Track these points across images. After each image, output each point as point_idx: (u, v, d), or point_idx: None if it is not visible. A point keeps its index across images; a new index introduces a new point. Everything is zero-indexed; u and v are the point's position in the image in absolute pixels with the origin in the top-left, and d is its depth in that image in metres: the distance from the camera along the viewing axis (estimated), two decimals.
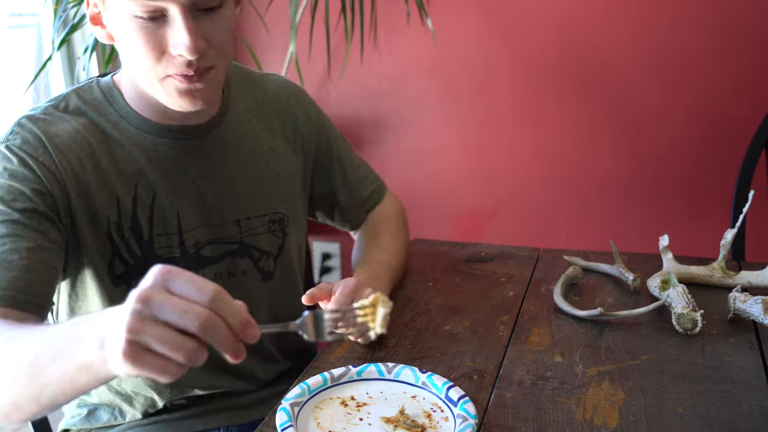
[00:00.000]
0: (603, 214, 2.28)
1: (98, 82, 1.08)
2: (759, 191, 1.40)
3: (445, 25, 2.18)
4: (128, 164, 1.04)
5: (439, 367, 1.01)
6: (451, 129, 2.32)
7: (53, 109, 1.04)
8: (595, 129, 2.21)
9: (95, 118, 1.04)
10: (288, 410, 0.87)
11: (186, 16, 0.92)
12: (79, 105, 1.05)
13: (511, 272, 1.34)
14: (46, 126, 1.01)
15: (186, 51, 0.92)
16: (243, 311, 0.66)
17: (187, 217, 1.08)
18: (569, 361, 1.02)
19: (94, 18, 1.00)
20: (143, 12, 0.92)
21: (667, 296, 1.13)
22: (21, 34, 2.05)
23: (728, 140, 2.09)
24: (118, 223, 1.03)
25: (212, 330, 0.63)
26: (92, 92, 1.07)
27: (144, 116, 1.05)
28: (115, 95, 1.06)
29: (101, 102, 1.06)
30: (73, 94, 1.06)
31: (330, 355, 1.05)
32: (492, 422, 0.89)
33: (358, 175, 1.33)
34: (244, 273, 1.14)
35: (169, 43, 0.93)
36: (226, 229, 1.12)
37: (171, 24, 0.93)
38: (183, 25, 0.92)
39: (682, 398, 0.93)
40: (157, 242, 1.06)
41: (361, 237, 1.34)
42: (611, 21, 2.10)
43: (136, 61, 0.96)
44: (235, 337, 0.65)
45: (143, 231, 1.05)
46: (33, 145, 0.98)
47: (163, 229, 1.06)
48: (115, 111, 1.05)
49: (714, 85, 2.07)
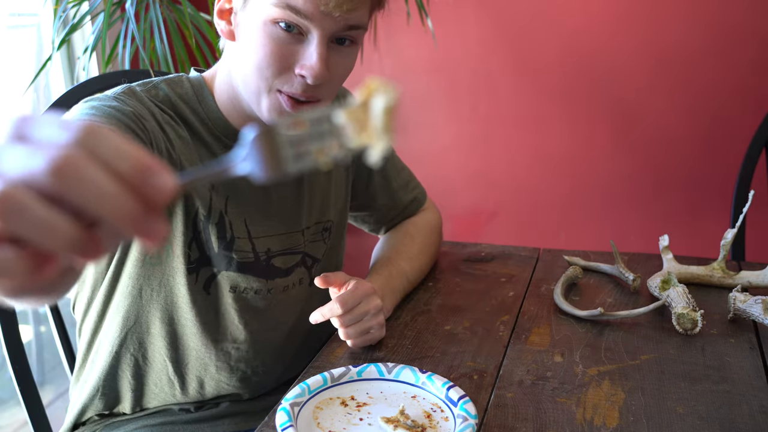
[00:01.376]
0: (603, 214, 2.28)
1: (189, 77, 1.07)
2: (759, 191, 1.40)
3: (445, 25, 2.18)
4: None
5: (439, 367, 1.01)
6: (451, 129, 2.32)
7: (145, 96, 1.01)
8: (596, 129, 2.21)
9: (185, 113, 1.03)
10: (288, 410, 0.87)
11: (322, 42, 0.92)
12: (169, 95, 1.03)
13: (511, 272, 1.34)
14: (151, 106, 0.99)
15: (311, 75, 0.93)
16: (134, 152, 0.40)
17: (255, 225, 1.07)
18: (569, 361, 1.02)
19: (222, 12, 0.99)
20: (287, 22, 0.91)
21: (667, 296, 1.13)
22: (21, 34, 2.05)
23: (728, 140, 2.09)
24: (206, 215, 1.03)
25: (77, 176, 0.38)
26: (182, 86, 1.05)
27: (229, 121, 1.05)
28: (205, 93, 1.05)
29: (191, 97, 1.05)
30: (163, 83, 1.04)
31: (330, 355, 1.05)
32: (492, 422, 0.89)
33: (400, 180, 1.31)
34: (302, 281, 1.15)
35: (297, 61, 0.93)
36: (294, 238, 1.12)
37: (306, 44, 0.93)
38: (317, 49, 0.92)
39: (682, 398, 0.93)
40: (236, 244, 1.05)
41: (392, 235, 1.32)
42: (611, 21, 2.10)
43: (254, 65, 0.95)
44: (126, 191, 0.39)
45: (226, 229, 1.04)
46: (143, 111, 0.97)
47: (239, 233, 1.06)
48: (202, 109, 1.04)
49: (714, 85, 2.07)
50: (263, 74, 0.95)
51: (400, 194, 1.31)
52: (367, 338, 1.05)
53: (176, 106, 1.03)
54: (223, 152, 1.05)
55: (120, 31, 1.83)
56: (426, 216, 1.35)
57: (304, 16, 0.90)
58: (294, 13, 0.90)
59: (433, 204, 1.39)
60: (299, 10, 0.90)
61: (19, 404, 1.22)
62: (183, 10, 1.81)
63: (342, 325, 1.03)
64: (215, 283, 1.06)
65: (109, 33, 1.81)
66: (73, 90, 1.40)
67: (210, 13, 1.97)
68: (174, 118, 1.02)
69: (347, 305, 1.02)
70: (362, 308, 1.03)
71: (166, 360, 1.09)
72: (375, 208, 1.30)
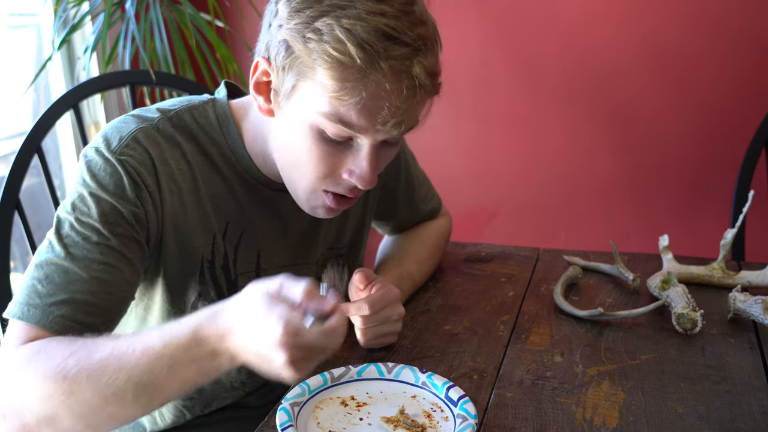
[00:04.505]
0: (603, 214, 2.28)
1: (214, 104, 1.01)
2: (759, 191, 1.40)
3: (445, 25, 2.18)
4: (225, 201, 1.00)
5: (439, 367, 1.01)
6: (451, 129, 2.32)
7: (167, 124, 0.96)
8: (595, 129, 2.21)
9: (206, 146, 0.98)
10: (288, 410, 0.87)
11: (373, 150, 0.88)
12: (191, 127, 0.98)
13: (511, 272, 1.34)
14: (160, 149, 0.94)
15: (361, 183, 0.90)
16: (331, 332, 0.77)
17: (268, 258, 1.05)
18: (569, 361, 1.02)
19: (259, 85, 0.92)
20: (334, 135, 0.87)
21: (667, 296, 1.13)
22: (21, 34, 2.05)
23: (728, 140, 2.09)
24: (210, 261, 1.00)
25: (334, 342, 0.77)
26: (207, 115, 1.00)
27: (255, 163, 1.00)
28: (231, 126, 0.99)
29: (214, 128, 0.99)
30: (186, 112, 0.99)
31: (330, 355, 1.05)
32: (492, 422, 0.89)
33: (421, 193, 1.31)
34: None
35: (344, 165, 0.90)
36: (306, 269, 1.10)
37: (354, 151, 0.89)
38: (368, 158, 0.88)
39: (682, 398, 0.93)
40: (240, 281, 1.03)
41: (404, 236, 1.31)
42: (611, 20, 2.10)
43: (299, 163, 0.91)
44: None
45: (230, 270, 1.02)
46: (146, 168, 0.92)
47: (245, 268, 1.04)
48: (226, 143, 0.99)
49: (714, 85, 2.07)
50: (308, 176, 0.91)
51: (420, 205, 1.31)
52: (381, 341, 1.05)
53: (197, 137, 0.98)
54: (241, 188, 1.01)
55: (120, 31, 1.83)
56: (439, 221, 1.36)
57: (357, 130, 0.86)
58: (346, 128, 0.85)
59: (447, 211, 1.40)
60: (353, 126, 0.85)
61: None
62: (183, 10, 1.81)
63: (363, 325, 1.01)
64: None
65: (109, 33, 1.81)
66: (73, 90, 1.40)
67: (210, 13, 1.97)
68: (195, 156, 0.97)
69: (375, 307, 1.00)
70: (386, 313, 1.02)
71: None
72: (396, 217, 1.30)
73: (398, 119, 0.85)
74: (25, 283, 0.88)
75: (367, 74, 0.81)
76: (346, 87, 0.82)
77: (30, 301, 0.86)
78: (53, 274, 0.87)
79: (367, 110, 0.84)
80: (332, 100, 0.84)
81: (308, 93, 0.86)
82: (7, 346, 0.85)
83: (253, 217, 1.02)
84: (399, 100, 0.83)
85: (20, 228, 1.30)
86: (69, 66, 2.07)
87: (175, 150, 0.96)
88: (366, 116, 0.84)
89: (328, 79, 0.83)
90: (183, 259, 0.98)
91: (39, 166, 1.34)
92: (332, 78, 0.82)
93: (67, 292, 0.86)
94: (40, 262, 0.88)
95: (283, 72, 0.87)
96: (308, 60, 0.83)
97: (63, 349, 0.80)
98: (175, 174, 0.95)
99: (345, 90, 0.82)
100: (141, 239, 0.92)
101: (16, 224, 1.27)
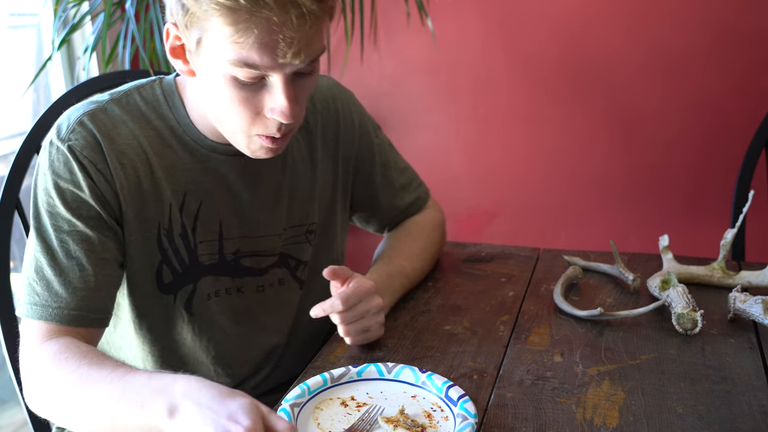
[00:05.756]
0: (603, 214, 2.28)
1: (161, 82, 1.06)
2: (759, 191, 1.40)
3: (445, 25, 2.18)
4: (180, 172, 1.04)
5: (439, 367, 1.01)
6: (451, 129, 2.33)
7: (114, 105, 1.02)
8: (595, 129, 2.21)
9: (154, 121, 1.03)
10: (288, 411, 0.87)
11: (287, 84, 0.91)
12: (139, 105, 1.04)
13: (511, 272, 1.34)
14: (106, 129, 1.00)
15: (284, 117, 0.92)
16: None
17: (229, 228, 1.08)
18: (569, 361, 1.02)
19: (175, 49, 0.96)
20: (246, 78, 0.90)
21: (667, 296, 1.13)
22: (21, 34, 2.05)
23: (728, 140, 2.09)
24: (168, 229, 1.04)
25: None
26: (154, 92, 1.05)
27: (200, 131, 1.04)
28: (176, 101, 1.05)
29: (161, 104, 1.04)
30: (135, 91, 1.05)
31: (330, 355, 1.06)
32: (492, 422, 0.89)
33: (402, 180, 1.30)
34: (282, 282, 1.14)
35: (266, 106, 0.93)
36: (269, 241, 1.12)
37: (269, 88, 0.92)
38: (283, 92, 0.91)
39: (682, 398, 0.93)
40: (200, 249, 1.06)
41: (394, 234, 1.31)
42: (610, 21, 2.10)
43: (224, 112, 0.95)
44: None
45: (189, 238, 1.05)
46: (93, 148, 0.98)
47: (205, 236, 1.06)
48: (173, 116, 1.04)
49: (714, 85, 2.08)
50: (235, 122, 0.95)
51: (402, 194, 1.31)
52: (367, 336, 1.06)
53: (145, 114, 1.03)
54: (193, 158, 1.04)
55: (120, 31, 1.83)
56: (428, 214, 1.35)
57: (263, 69, 0.89)
58: (253, 69, 0.89)
59: (435, 202, 1.39)
60: (258, 66, 0.88)
61: (19, 404, 1.22)
62: None
63: (342, 322, 1.03)
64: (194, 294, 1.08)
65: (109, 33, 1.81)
66: (73, 90, 1.40)
67: None
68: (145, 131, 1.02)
69: (348, 302, 1.02)
70: (363, 306, 1.03)
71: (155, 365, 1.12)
72: (377, 208, 1.29)
73: (296, 48, 0.88)
74: (24, 281, 0.99)
75: (254, 12, 0.85)
76: (239, 29, 0.86)
77: (32, 300, 0.96)
78: (41, 270, 0.97)
79: (265, 46, 0.87)
80: (231, 45, 0.88)
81: (211, 44, 0.90)
82: (29, 343, 0.96)
83: (209, 188, 1.06)
84: (291, 30, 0.86)
85: (20, 228, 1.30)
86: (69, 66, 2.07)
87: (122, 127, 1.01)
88: (266, 52, 0.87)
89: (222, 26, 0.86)
90: (142, 229, 1.02)
91: None
92: (225, 24, 0.86)
93: (59, 285, 0.96)
94: (29, 258, 0.99)
95: (187, 30, 0.91)
96: (201, 13, 0.88)
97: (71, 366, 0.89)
98: (124, 149, 1.00)
99: (239, 32, 0.86)
100: (109, 219, 0.99)
101: (16, 224, 1.27)
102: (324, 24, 0.92)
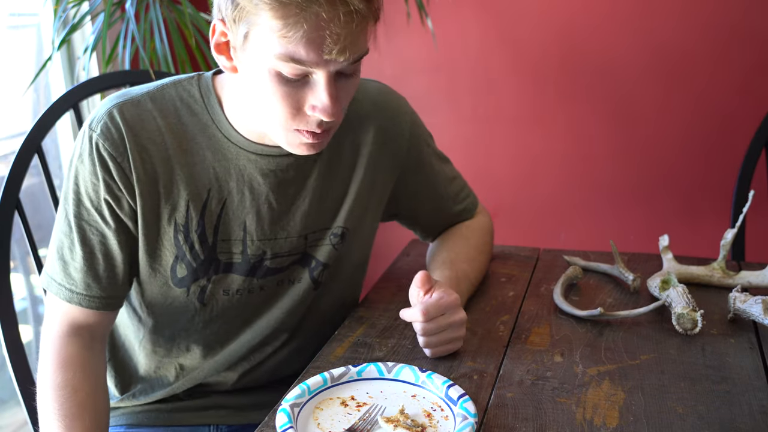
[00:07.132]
0: (603, 214, 2.28)
1: (199, 79, 1.07)
2: (759, 191, 1.40)
3: (445, 25, 2.18)
4: (204, 170, 1.04)
5: (439, 367, 1.01)
6: (451, 129, 2.32)
7: (147, 99, 1.03)
8: (595, 129, 2.21)
9: (184, 117, 1.04)
10: (288, 411, 0.87)
11: (330, 82, 0.92)
12: (174, 100, 1.04)
13: (511, 272, 1.34)
14: (133, 122, 1.01)
15: (325, 114, 0.93)
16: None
17: (254, 230, 1.07)
18: (569, 361, 1.02)
19: (219, 46, 0.98)
20: (291, 75, 0.91)
21: (667, 296, 1.13)
22: (21, 34, 2.05)
23: (728, 140, 2.09)
24: (185, 226, 1.04)
25: None
26: (190, 88, 1.06)
27: (237, 129, 1.05)
28: (212, 99, 1.05)
29: (196, 100, 1.05)
30: (171, 86, 1.06)
31: (330, 355, 1.05)
32: (492, 422, 0.89)
33: (451, 190, 1.29)
34: (300, 280, 1.14)
35: (307, 103, 0.94)
36: (292, 243, 1.11)
37: (313, 86, 0.93)
38: (326, 90, 0.92)
39: (682, 398, 0.93)
40: (220, 246, 1.06)
41: (446, 237, 1.29)
42: (612, 21, 2.10)
43: (268, 110, 0.96)
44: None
45: (208, 236, 1.06)
46: (115, 141, 1.00)
47: (228, 235, 1.07)
48: (208, 114, 1.05)
49: (714, 85, 2.08)
50: (278, 119, 0.96)
51: (450, 204, 1.29)
52: (446, 348, 1.04)
53: (177, 111, 1.04)
54: (220, 157, 1.04)
55: (120, 31, 1.83)
56: (478, 219, 1.34)
57: (308, 65, 0.90)
58: (299, 65, 0.90)
59: (484, 208, 1.37)
60: (303, 62, 0.89)
61: (19, 404, 1.22)
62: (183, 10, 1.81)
63: (423, 334, 1.01)
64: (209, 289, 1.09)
65: (109, 33, 1.81)
66: (73, 90, 1.40)
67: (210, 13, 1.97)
68: (173, 129, 1.03)
69: (429, 315, 1.00)
70: (446, 320, 1.01)
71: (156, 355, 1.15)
72: (423, 217, 1.28)
73: (341, 45, 0.89)
74: (50, 252, 1.06)
75: (304, 7, 0.86)
76: (288, 24, 0.87)
77: (51, 275, 1.05)
78: (62, 249, 1.03)
79: (312, 41, 0.88)
80: (279, 39, 0.88)
81: (258, 38, 0.91)
82: (48, 315, 1.05)
83: (234, 188, 1.06)
84: (338, 27, 0.88)
85: (20, 228, 1.30)
86: (69, 66, 2.07)
87: (150, 122, 1.02)
88: (312, 48, 0.88)
89: (271, 20, 0.87)
90: (157, 223, 1.04)
91: (39, 166, 1.34)
92: (275, 18, 0.87)
93: (72, 268, 1.03)
94: (56, 234, 1.05)
95: (234, 25, 0.92)
96: (251, 7, 0.89)
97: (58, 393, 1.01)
98: (147, 144, 1.02)
99: (288, 27, 0.87)
100: (120, 209, 1.02)
101: (16, 224, 1.27)
102: (369, 25, 0.93)
